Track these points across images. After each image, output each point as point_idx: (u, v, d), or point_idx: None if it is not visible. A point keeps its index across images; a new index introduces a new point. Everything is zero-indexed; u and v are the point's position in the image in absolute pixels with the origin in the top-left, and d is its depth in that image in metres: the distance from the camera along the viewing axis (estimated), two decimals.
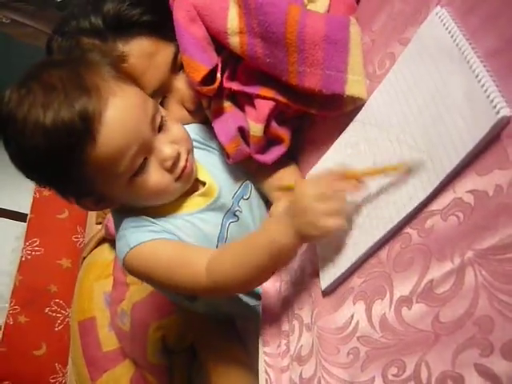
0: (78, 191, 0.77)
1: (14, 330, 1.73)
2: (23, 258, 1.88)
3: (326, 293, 0.69)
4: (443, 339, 0.47)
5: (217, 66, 0.83)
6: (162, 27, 0.86)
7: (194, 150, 0.87)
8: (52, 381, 1.72)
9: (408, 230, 0.57)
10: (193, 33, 0.81)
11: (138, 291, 1.43)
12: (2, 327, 1.75)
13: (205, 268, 0.73)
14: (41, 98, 0.68)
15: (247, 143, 0.87)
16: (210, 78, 0.82)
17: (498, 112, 0.48)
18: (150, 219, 0.80)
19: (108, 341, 1.51)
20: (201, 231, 0.85)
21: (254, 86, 0.85)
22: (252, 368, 0.91)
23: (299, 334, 0.71)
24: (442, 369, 0.46)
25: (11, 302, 1.77)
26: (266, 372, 0.73)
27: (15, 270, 1.86)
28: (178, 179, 0.78)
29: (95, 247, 1.77)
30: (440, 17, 0.61)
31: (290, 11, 0.75)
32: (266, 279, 0.75)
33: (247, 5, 0.78)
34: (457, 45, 0.57)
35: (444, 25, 0.60)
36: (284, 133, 0.87)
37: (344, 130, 0.79)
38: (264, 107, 0.83)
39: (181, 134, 0.81)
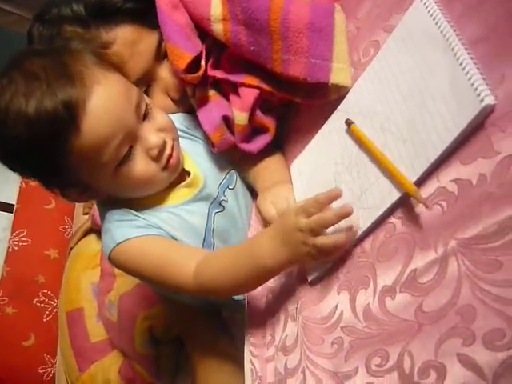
0: (62, 182, 0.75)
1: (1, 322, 1.71)
2: (10, 249, 1.86)
3: (312, 283, 0.69)
4: (426, 329, 0.47)
5: (201, 53, 0.82)
6: (146, 15, 0.84)
7: (186, 140, 0.87)
8: (41, 371, 1.71)
9: (392, 219, 0.57)
10: (176, 20, 0.80)
11: (126, 282, 1.42)
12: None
13: (193, 271, 0.73)
14: (23, 88, 0.66)
15: (232, 132, 0.86)
16: (194, 65, 0.81)
17: (482, 100, 0.48)
18: (135, 213, 0.79)
19: (96, 331, 1.51)
20: (187, 223, 0.84)
21: (238, 74, 0.84)
22: (238, 359, 0.91)
23: (284, 324, 0.71)
24: (424, 358, 0.46)
25: None
26: (251, 362, 0.73)
27: (2, 261, 1.84)
28: (164, 168, 0.77)
29: (82, 237, 1.76)
30: (425, 3, 0.61)
31: (273, 4, 0.74)
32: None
33: None
34: (441, 32, 0.56)
35: (429, 12, 0.60)
36: (269, 122, 0.87)
37: (329, 118, 0.78)
38: (248, 95, 0.82)
39: (166, 122, 0.79)
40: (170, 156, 0.77)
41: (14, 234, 1.89)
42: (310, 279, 0.69)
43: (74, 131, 0.66)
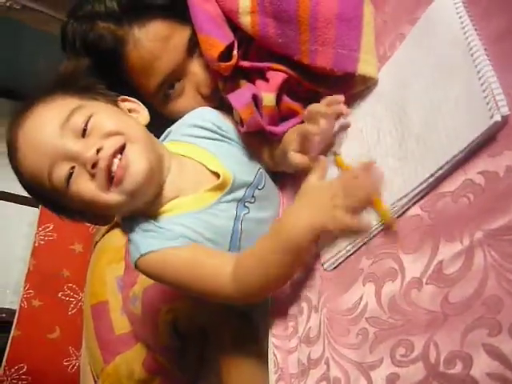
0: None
1: (28, 314, 1.75)
2: (36, 244, 1.89)
3: (336, 274, 0.69)
4: (452, 319, 0.47)
5: (233, 43, 0.83)
6: (177, 10, 0.85)
7: (206, 140, 0.86)
8: (66, 363, 1.74)
9: (419, 211, 0.57)
10: (207, 10, 0.82)
11: None
12: (17, 311, 1.77)
13: (230, 277, 0.72)
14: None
15: (261, 115, 0.85)
16: (226, 55, 0.82)
17: (491, 116, 0.49)
18: (159, 225, 0.78)
19: (120, 324, 1.52)
20: (214, 226, 0.81)
21: (266, 62, 0.85)
22: (262, 354, 0.91)
23: (308, 316, 0.71)
24: (450, 348, 0.46)
25: (25, 287, 1.79)
26: (274, 353, 0.74)
27: (29, 255, 1.88)
28: (109, 186, 0.72)
29: (107, 232, 1.78)
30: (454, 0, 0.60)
31: None
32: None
33: None
34: (464, 33, 0.57)
35: (456, 9, 0.59)
36: (297, 106, 0.86)
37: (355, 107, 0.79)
38: (276, 77, 0.83)
39: (106, 129, 0.73)
40: (108, 167, 0.71)
41: (40, 229, 1.93)
42: (325, 266, 0.70)
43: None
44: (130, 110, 0.84)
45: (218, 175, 0.82)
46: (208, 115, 0.90)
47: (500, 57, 0.53)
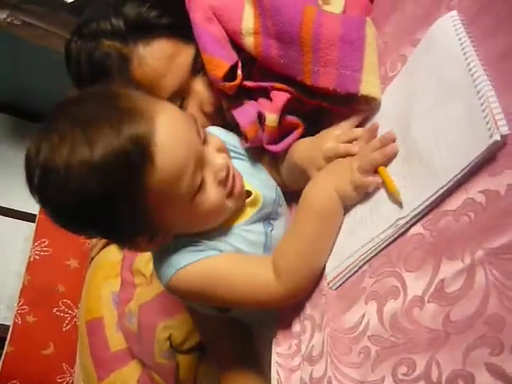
0: (133, 230, 0.70)
1: (22, 330, 1.74)
2: (31, 258, 1.89)
3: (339, 293, 0.69)
4: (454, 338, 0.47)
5: (237, 62, 0.84)
6: (183, 29, 0.86)
7: (233, 160, 0.84)
8: (59, 380, 1.73)
9: (421, 230, 0.58)
10: (211, 31, 0.82)
11: (146, 292, 1.43)
12: (11, 326, 1.76)
13: (273, 275, 0.71)
14: (80, 137, 0.61)
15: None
16: (230, 76, 0.83)
17: (491, 136, 0.50)
18: (198, 239, 0.76)
19: (116, 341, 1.52)
20: (249, 241, 0.80)
21: (269, 82, 0.85)
22: (261, 373, 0.91)
23: (311, 335, 0.71)
24: (452, 368, 0.46)
25: (19, 302, 1.78)
26: (277, 372, 0.74)
27: (24, 270, 1.87)
28: (229, 195, 0.74)
29: (103, 248, 1.78)
30: (454, 21, 0.61)
31: (306, 12, 0.76)
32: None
33: (262, 5, 0.78)
34: (464, 54, 0.57)
35: (455, 28, 0.60)
36: (297, 121, 0.87)
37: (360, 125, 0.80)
38: (280, 98, 0.83)
39: (220, 141, 0.77)
40: (234, 180, 0.74)
41: (36, 244, 1.93)
42: (330, 284, 0.70)
43: (148, 167, 0.62)
44: None
45: (248, 193, 0.81)
46: (219, 133, 0.88)
47: (500, 77, 0.53)
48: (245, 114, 0.85)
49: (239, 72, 0.83)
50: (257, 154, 0.91)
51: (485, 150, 0.50)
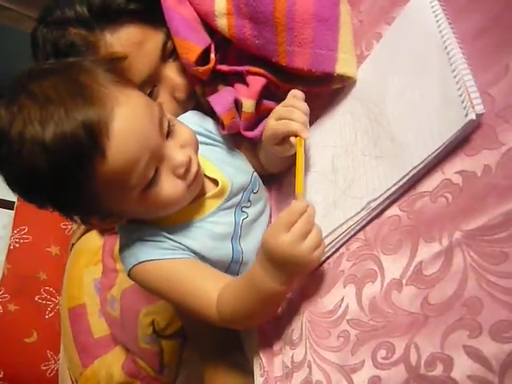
0: (84, 210, 0.70)
1: (4, 319, 1.72)
2: (11, 246, 1.86)
3: (317, 276, 0.69)
4: (432, 321, 0.47)
5: (210, 46, 0.82)
6: (150, 14, 0.84)
7: (207, 146, 0.84)
8: (44, 368, 1.71)
9: (398, 211, 0.57)
10: (182, 14, 0.80)
11: (128, 278, 1.42)
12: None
13: (215, 303, 0.71)
14: (36, 113, 0.60)
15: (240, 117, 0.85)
16: (203, 59, 0.81)
17: (466, 114, 0.49)
18: (165, 234, 0.76)
19: (99, 327, 1.51)
20: (216, 234, 0.80)
21: (244, 65, 0.84)
22: (246, 364, 0.90)
23: (290, 319, 0.71)
24: (431, 350, 0.46)
25: (0, 291, 1.76)
26: (260, 357, 0.74)
27: (3, 258, 1.84)
28: (189, 186, 0.72)
29: (84, 234, 1.76)
30: None
31: None
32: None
33: None
34: (440, 31, 0.56)
35: (432, 7, 0.59)
36: (274, 105, 0.84)
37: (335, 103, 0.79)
38: (256, 83, 0.82)
39: (189, 135, 0.74)
40: (197, 171, 0.73)
41: (15, 231, 1.89)
42: None
43: (98, 156, 0.60)
44: None
45: (216, 182, 0.81)
46: (196, 119, 0.88)
47: (476, 55, 0.52)
48: (221, 101, 0.83)
49: (212, 55, 0.82)
50: (234, 140, 0.89)
51: (460, 129, 0.50)
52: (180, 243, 0.76)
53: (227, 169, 0.83)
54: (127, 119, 0.63)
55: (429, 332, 0.47)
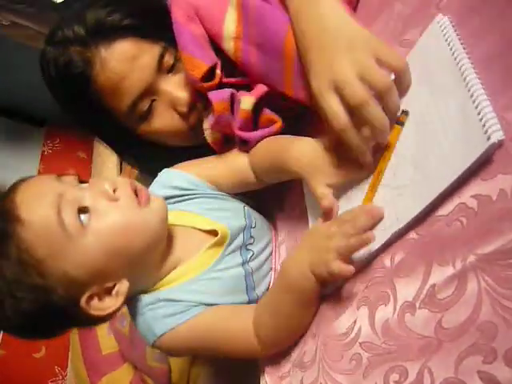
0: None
1: None
2: None
3: (331, 299, 0.68)
4: (446, 345, 0.46)
5: (216, 63, 0.83)
6: (145, 29, 0.86)
7: (186, 202, 0.86)
8: (51, 383, 1.71)
9: (413, 235, 0.57)
10: (191, 30, 0.82)
11: None
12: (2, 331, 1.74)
13: (254, 340, 0.72)
14: None
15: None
16: (208, 75, 0.83)
17: (488, 138, 0.49)
18: (172, 298, 0.76)
19: (107, 344, 1.51)
20: (226, 280, 0.81)
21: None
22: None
23: (304, 341, 0.70)
24: (444, 375, 0.45)
25: None
26: (265, 380, 0.73)
27: None
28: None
29: None
30: (441, 26, 0.60)
31: (290, 30, 0.75)
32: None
33: (246, 13, 0.78)
34: (455, 59, 0.56)
35: (444, 35, 0.59)
36: (276, 117, 0.86)
37: None
38: (260, 88, 0.83)
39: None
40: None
41: None
42: (323, 291, 0.69)
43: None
44: None
45: (214, 232, 0.82)
46: (180, 177, 0.90)
47: (492, 79, 0.52)
48: (218, 93, 0.84)
49: (218, 71, 0.83)
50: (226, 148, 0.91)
51: (480, 155, 0.49)
52: (191, 301, 0.76)
53: (218, 214, 0.85)
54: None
55: (443, 356, 0.46)
